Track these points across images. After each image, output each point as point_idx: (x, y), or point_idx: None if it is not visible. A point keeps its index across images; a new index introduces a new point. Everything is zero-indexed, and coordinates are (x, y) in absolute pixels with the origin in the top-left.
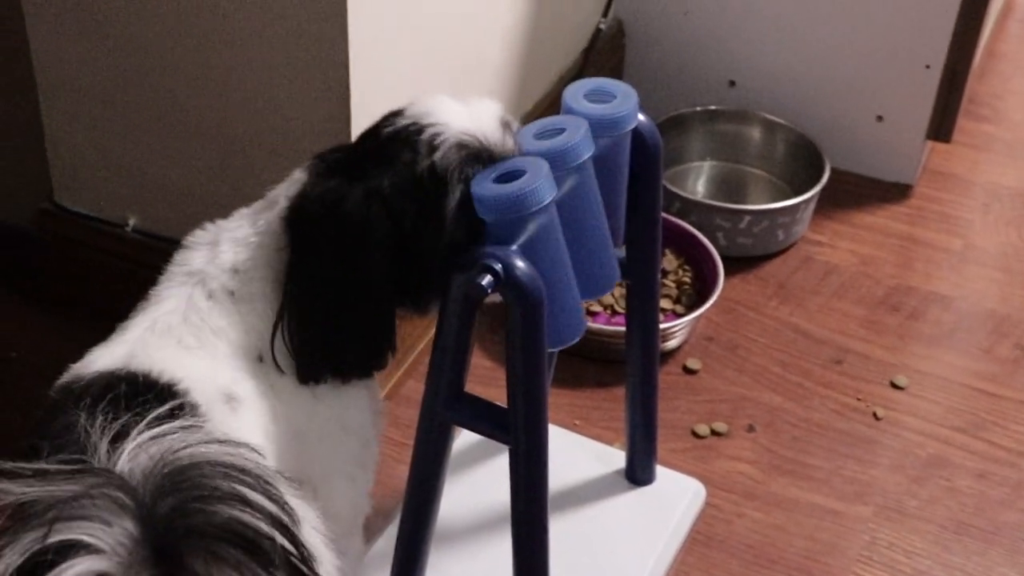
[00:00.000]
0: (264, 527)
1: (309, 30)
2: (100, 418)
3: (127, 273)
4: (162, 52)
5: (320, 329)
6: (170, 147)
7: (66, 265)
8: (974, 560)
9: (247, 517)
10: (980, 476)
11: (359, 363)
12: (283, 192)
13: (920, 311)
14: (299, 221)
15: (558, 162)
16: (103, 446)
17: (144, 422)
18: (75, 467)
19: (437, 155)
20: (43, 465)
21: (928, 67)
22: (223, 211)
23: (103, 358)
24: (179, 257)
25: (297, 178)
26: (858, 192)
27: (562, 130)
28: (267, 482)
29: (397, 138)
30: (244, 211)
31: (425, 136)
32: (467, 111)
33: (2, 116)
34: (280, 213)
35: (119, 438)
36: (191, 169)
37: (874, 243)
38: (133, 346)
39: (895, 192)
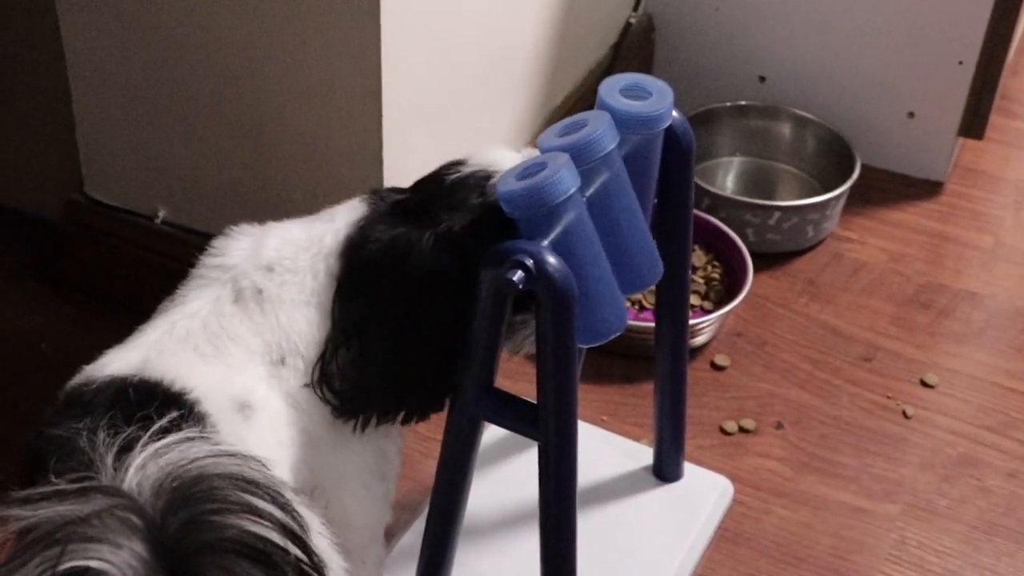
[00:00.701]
0: (276, 538)
1: (342, 26)
2: (105, 430)
3: (156, 265)
4: (195, 46)
5: (378, 372)
6: (201, 141)
7: (95, 257)
8: (1004, 561)
9: (259, 529)
10: (1011, 475)
11: (417, 408)
12: (343, 216)
13: (950, 309)
14: (363, 263)
15: (582, 156)
16: (109, 460)
17: (148, 434)
18: (82, 485)
19: (488, 187)
20: (49, 488)
21: (961, 63)
22: (252, 206)
23: (116, 362)
24: (218, 246)
25: (356, 206)
26: (888, 189)
27: (585, 125)
28: (276, 492)
29: (464, 184)
30: (296, 219)
31: (492, 181)
32: (516, 155)
33: (33, 107)
34: (338, 238)
35: (125, 451)
36: (221, 164)
37: (904, 240)
38: (148, 351)
39: (926, 189)
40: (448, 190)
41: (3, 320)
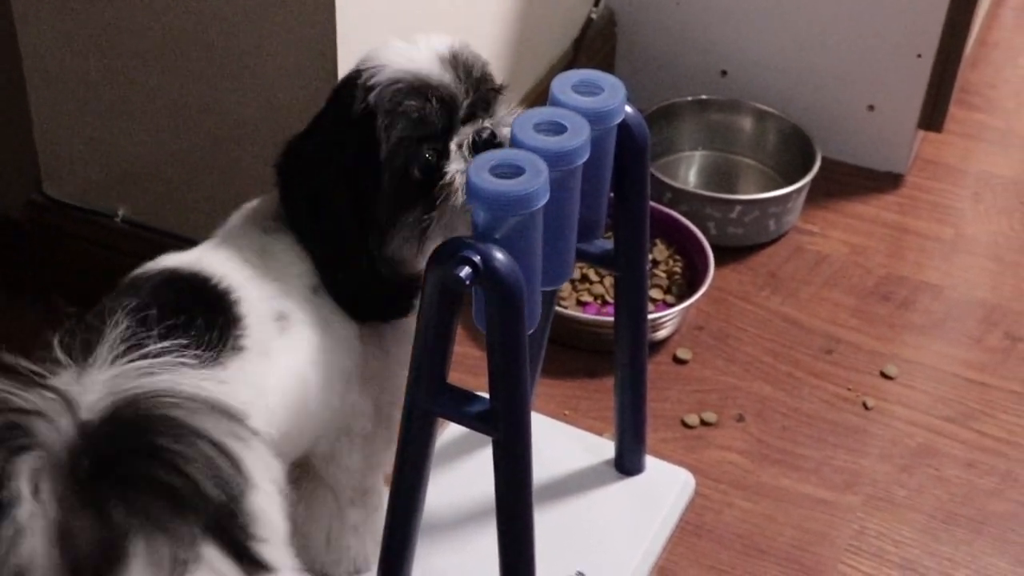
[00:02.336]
0: (204, 486)
1: (298, 13)
2: (124, 324)
3: (116, 264)
4: (152, 41)
5: (333, 274)
6: (160, 138)
7: (55, 256)
8: (962, 549)
9: (174, 477)
10: (969, 465)
11: (372, 307)
12: None
13: (911, 300)
14: (277, 183)
15: (555, 162)
16: (89, 359)
17: (140, 352)
18: (32, 376)
19: (373, 93)
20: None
21: (920, 56)
22: (213, 203)
23: (174, 258)
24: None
25: None
26: (849, 181)
27: (563, 127)
28: (218, 442)
29: (346, 84)
30: None
31: (361, 80)
32: (407, 50)
33: None
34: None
35: (132, 349)
36: (181, 160)
37: (865, 232)
38: (204, 253)
39: (887, 181)
40: (335, 95)
41: None
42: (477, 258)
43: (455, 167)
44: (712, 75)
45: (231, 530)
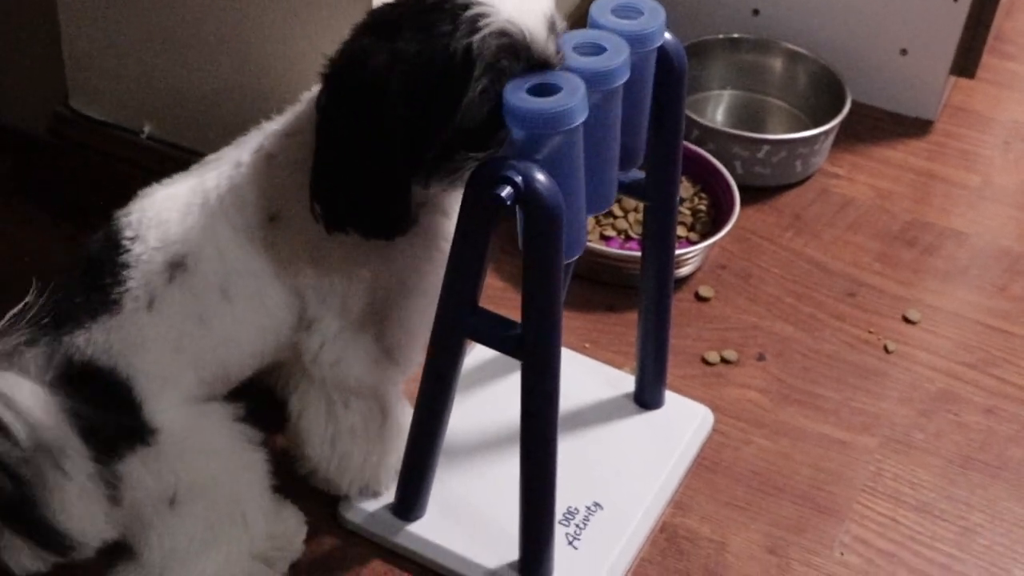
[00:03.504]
0: None
1: None
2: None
3: (140, 180)
4: None
5: (338, 184)
6: (187, 55)
7: (79, 171)
8: (978, 493)
9: None
10: (988, 412)
11: (374, 224)
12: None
13: (935, 246)
14: (328, 76)
15: (594, 82)
16: None
17: None
18: None
19: (476, 37)
20: None
21: (955, 1)
22: (238, 121)
23: (143, 199)
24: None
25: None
26: (878, 126)
27: (602, 48)
28: None
29: (441, 8)
30: None
31: (469, 13)
32: (519, 1)
33: (18, 18)
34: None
35: None
36: (207, 78)
37: (892, 177)
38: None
39: (916, 127)
40: (425, 10)
41: None
42: (519, 178)
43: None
44: (744, 13)
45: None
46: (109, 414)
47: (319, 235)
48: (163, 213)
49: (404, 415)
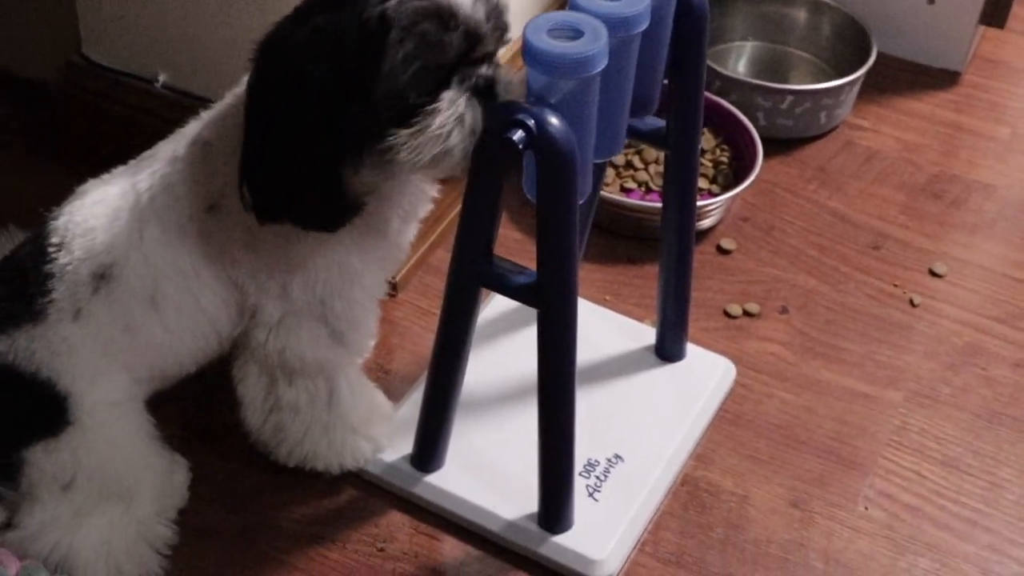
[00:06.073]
0: None
1: None
2: None
3: (155, 130)
4: None
5: (267, 169)
6: (201, 2)
7: (94, 120)
8: (1005, 449)
9: None
10: (1016, 366)
11: (311, 215)
12: None
13: (962, 199)
14: (254, 59)
15: (615, 27)
16: None
17: None
18: None
19: (390, 4)
20: None
21: None
22: None
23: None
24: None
25: None
26: (904, 78)
27: None
28: None
29: None
30: None
31: None
32: None
33: None
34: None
35: None
36: (221, 26)
37: (918, 130)
38: (88, 199)
39: (943, 79)
40: None
41: (0, 183)
42: (531, 122)
43: (451, 96)
44: None
45: None
46: (20, 410)
47: (254, 221)
48: (91, 220)
49: (355, 394)
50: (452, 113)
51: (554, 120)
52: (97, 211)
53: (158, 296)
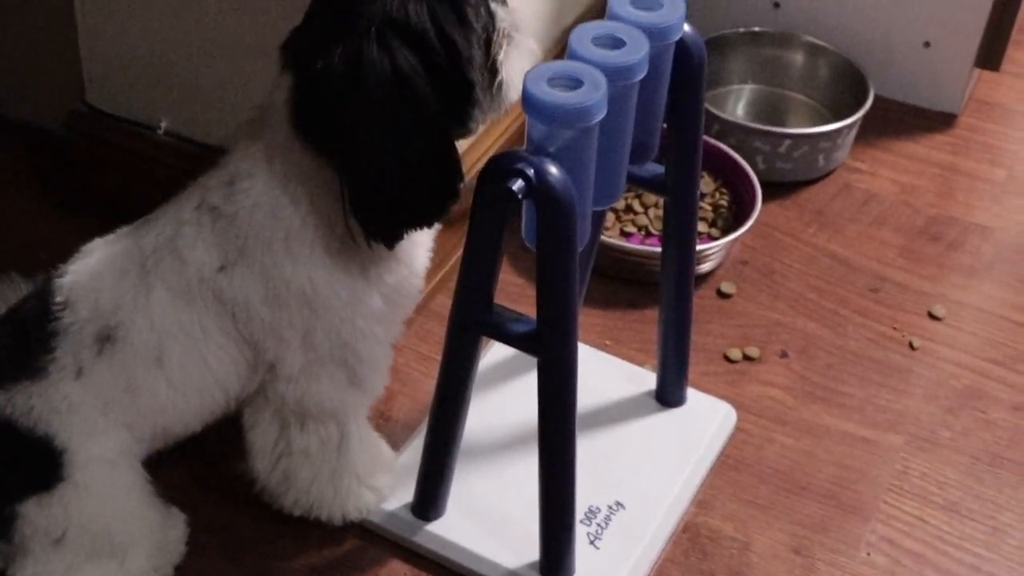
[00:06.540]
0: None
1: None
2: None
3: (158, 176)
4: None
5: (388, 181)
6: (204, 50)
7: (97, 167)
8: (1006, 493)
9: None
10: (1016, 409)
11: (433, 203)
12: (277, 95)
13: (960, 241)
14: (323, 94)
15: (613, 77)
16: None
17: None
18: None
19: None
20: None
21: None
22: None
23: (81, 260)
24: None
25: (282, 80)
26: (901, 120)
27: (621, 41)
28: None
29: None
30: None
31: None
32: None
33: (36, 14)
34: (283, 108)
35: None
36: (224, 73)
37: (915, 172)
38: (92, 258)
39: (939, 121)
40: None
41: (2, 229)
42: (531, 171)
43: (503, 14)
44: (764, 7)
45: None
46: (15, 464)
47: (276, 271)
48: (96, 280)
49: (362, 441)
50: (503, 53)
51: (553, 169)
52: (103, 271)
53: (163, 357)
